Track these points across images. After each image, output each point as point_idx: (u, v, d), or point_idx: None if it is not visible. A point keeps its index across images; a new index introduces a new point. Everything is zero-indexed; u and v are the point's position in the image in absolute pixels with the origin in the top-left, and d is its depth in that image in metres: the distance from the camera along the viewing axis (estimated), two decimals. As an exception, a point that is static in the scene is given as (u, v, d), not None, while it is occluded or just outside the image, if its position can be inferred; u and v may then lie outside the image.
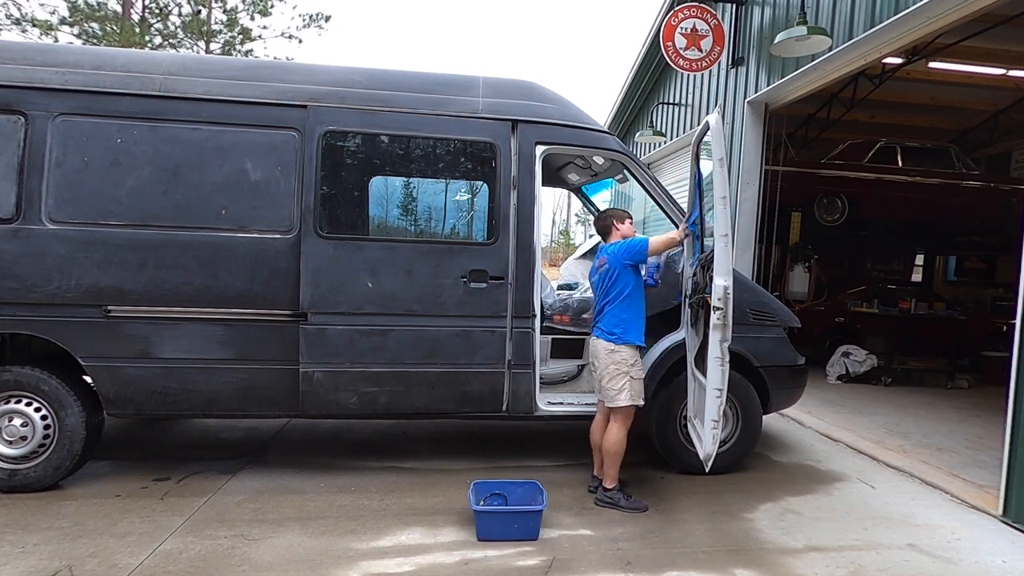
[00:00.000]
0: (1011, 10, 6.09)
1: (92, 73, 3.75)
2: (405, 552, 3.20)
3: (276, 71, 4.07)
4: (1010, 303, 7.03)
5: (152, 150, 3.75)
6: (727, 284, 3.36)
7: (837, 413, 6.45)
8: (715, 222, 3.47)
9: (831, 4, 5.97)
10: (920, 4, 4.77)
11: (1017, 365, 3.80)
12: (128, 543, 3.17)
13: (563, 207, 38.27)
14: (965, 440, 5.65)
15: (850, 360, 8.27)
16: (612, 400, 3.74)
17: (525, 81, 4.32)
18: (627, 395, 3.71)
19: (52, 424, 3.72)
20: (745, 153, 7.70)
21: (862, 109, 10.25)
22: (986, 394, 7.58)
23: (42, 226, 3.64)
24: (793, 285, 9.55)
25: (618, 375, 3.71)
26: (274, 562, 3.05)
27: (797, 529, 3.65)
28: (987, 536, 3.68)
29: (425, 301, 3.98)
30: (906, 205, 9.64)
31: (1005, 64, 8.92)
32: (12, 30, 18.95)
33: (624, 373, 3.71)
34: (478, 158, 4.12)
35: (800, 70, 6.44)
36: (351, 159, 4.01)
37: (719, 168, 3.45)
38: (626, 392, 3.71)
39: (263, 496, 3.81)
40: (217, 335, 3.81)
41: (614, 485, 3.79)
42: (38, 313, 3.66)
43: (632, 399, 3.72)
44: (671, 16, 7.54)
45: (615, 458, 3.77)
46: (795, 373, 4.70)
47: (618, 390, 3.71)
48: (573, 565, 3.12)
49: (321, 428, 5.23)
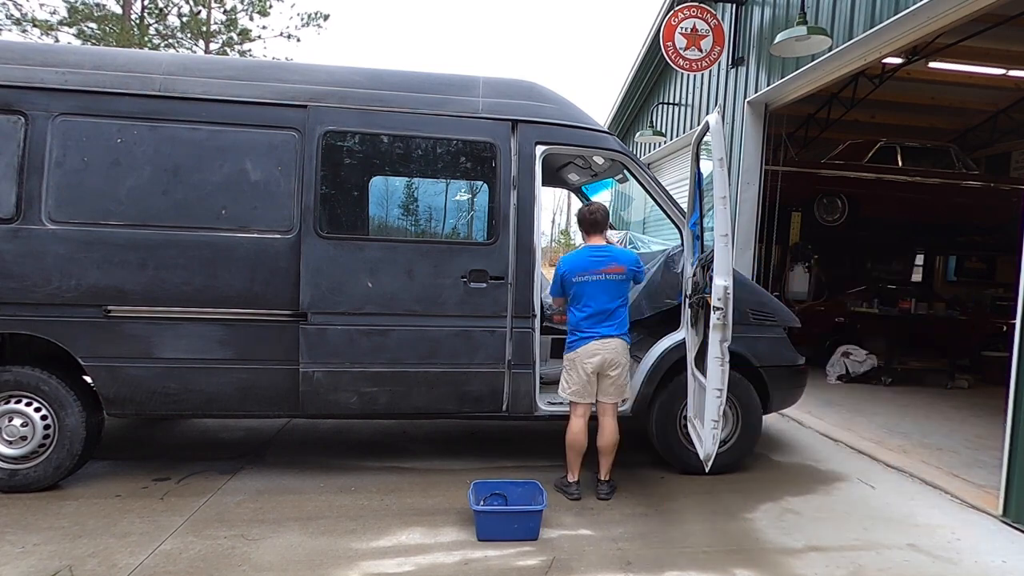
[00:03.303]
0: (1011, 10, 6.09)
1: (92, 73, 3.75)
2: (405, 552, 3.20)
3: (276, 71, 4.07)
4: (1010, 303, 7.03)
5: (152, 150, 3.75)
6: (727, 284, 3.36)
7: (837, 413, 6.45)
8: (715, 222, 3.47)
9: (831, 4, 5.97)
10: (920, 4, 4.77)
11: (1017, 365, 3.80)
12: (128, 543, 3.17)
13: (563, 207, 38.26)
14: (965, 440, 5.65)
15: (850, 360, 8.27)
16: (622, 394, 3.97)
17: (525, 81, 4.31)
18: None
19: (52, 424, 3.72)
20: (745, 153, 7.70)
21: (862, 109, 10.25)
22: (986, 394, 7.57)
23: (42, 226, 3.63)
24: (793, 285, 9.55)
25: (628, 371, 4.00)
26: (274, 562, 3.05)
27: (797, 529, 3.65)
28: (987, 536, 3.68)
29: (425, 301, 3.98)
30: (906, 205, 9.64)
31: (1005, 64, 8.92)
32: (12, 30, 18.97)
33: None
34: (478, 158, 4.12)
35: (800, 70, 6.44)
36: (351, 159, 4.01)
37: (719, 168, 3.45)
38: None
39: (263, 496, 3.81)
40: (217, 335, 3.81)
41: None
42: (38, 313, 3.66)
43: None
44: (671, 16, 7.54)
45: (615, 449, 3.97)
46: (795, 373, 4.69)
47: (627, 384, 4.03)
48: (573, 565, 3.12)
49: (321, 428, 5.23)
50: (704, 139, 3.95)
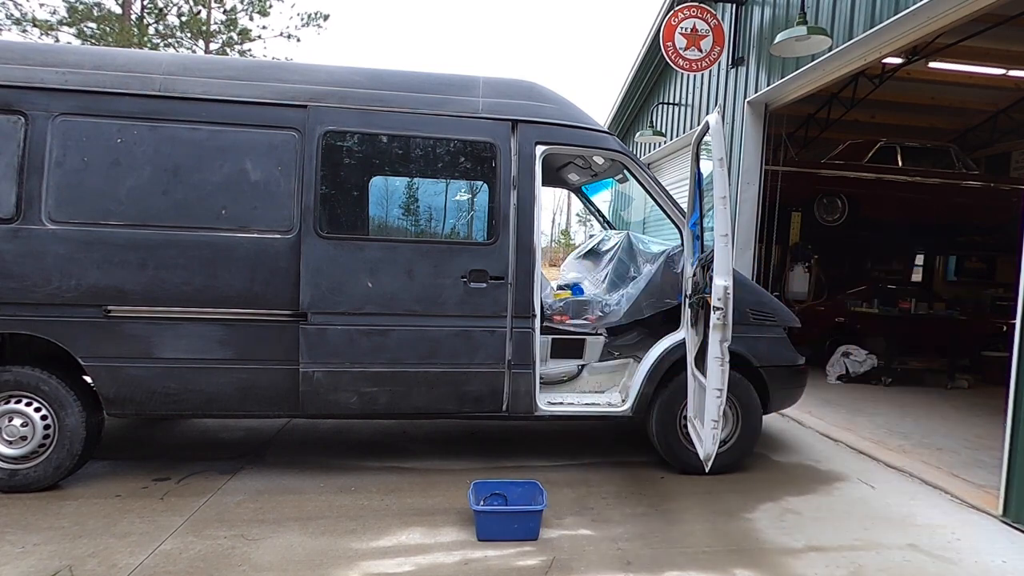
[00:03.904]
0: (1011, 10, 6.10)
1: (92, 73, 3.75)
2: (405, 552, 3.20)
3: (276, 71, 4.07)
4: (1010, 303, 7.03)
5: (152, 150, 3.75)
6: (727, 284, 3.36)
7: (837, 413, 6.45)
8: (715, 222, 3.47)
9: (831, 4, 5.97)
10: (920, 4, 4.77)
11: (1017, 365, 3.80)
12: (128, 543, 3.16)
13: (563, 207, 38.28)
14: (965, 440, 5.65)
15: (850, 360, 8.27)
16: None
17: (525, 81, 4.31)
18: None
19: (52, 424, 3.72)
20: (745, 153, 7.70)
21: (862, 109, 10.25)
22: (986, 394, 7.57)
23: (42, 226, 3.63)
24: (793, 285, 9.55)
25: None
26: (274, 562, 3.05)
27: (797, 529, 3.65)
28: (987, 536, 3.68)
29: (425, 301, 3.98)
30: (906, 205, 9.64)
31: (1005, 64, 8.92)
32: (12, 30, 18.97)
33: None
34: (478, 158, 4.12)
35: (800, 70, 6.44)
36: (351, 159, 4.01)
37: (719, 168, 3.45)
38: None
39: (263, 496, 3.81)
40: (217, 335, 3.81)
41: None
42: (38, 313, 3.66)
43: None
44: (671, 16, 7.54)
45: None
46: (795, 373, 4.69)
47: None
48: (573, 565, 3.12)
49: (321, 428, 5.23)
50: (704, 139, 3.95)
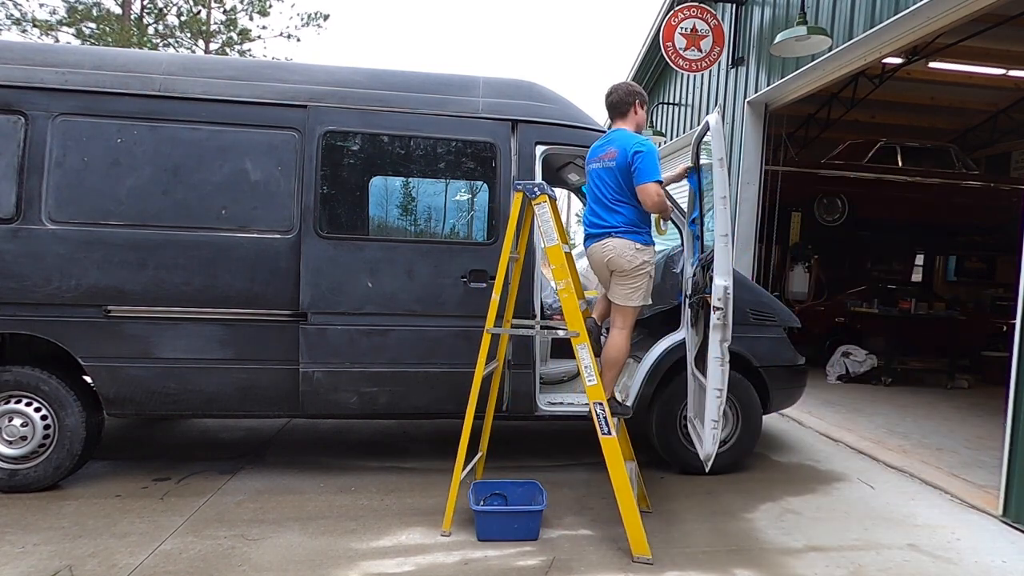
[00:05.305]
0: (1011, 10, 6.10)
1: (92, 73, 3.75)
2: (405, 552, 3.20)
3: (276, 71, 4.07)
4: (1010, 303, 7.03)
5: (152, 150, 3.75)
6: (727, 284, 3.36)
7: (837, 413, 6.45)
8: (715, 222, 3.47)
9: (831, 4, 5.97)
10: (920, 4, 4.77)
11: (1017, 365, 3.80)
12: (128, 543, 3.16)
13: (563, 207, 38.28)
14: (965, 440, 5.65)
15: (850, 360, 8.27)
16: (625, 301, 3.64)
17: (525, 81, 4.31)
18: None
19: (52, 424, 3.72)
20: (745, 153, 7.70)
21: (862, 109, 10.25)
22: (986, 394, 7.57)
23: (42, 226, 3.63)
24: (793, 285, 9.56)
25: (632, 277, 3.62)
26: (274, 562, 3.05)
27: (797, 529, 3.65)
28: (987, 536, 3.68)
29: (425, 301, 3.98)
30: (906, 205, 9.64)
31: (1005, 64, 8.92)
32: (12, 30, 18.97)
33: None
34: (478, 158, 4.12)
35: (800, 70, 6.44)
36: (351, 159, 4.01)
37: (719, 168, 3.45)
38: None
39: (263, 496, 3.81)
40: (217, 335, 3.81)
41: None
42: (38, 313, 3.66)
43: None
44: (671, 16, 7.54)
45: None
46: (795, 373, 4.69)
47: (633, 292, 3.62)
48: (573, 565, 3.12)
49: (321, 428, 5.23)
50: (704, 139, 3.94)
